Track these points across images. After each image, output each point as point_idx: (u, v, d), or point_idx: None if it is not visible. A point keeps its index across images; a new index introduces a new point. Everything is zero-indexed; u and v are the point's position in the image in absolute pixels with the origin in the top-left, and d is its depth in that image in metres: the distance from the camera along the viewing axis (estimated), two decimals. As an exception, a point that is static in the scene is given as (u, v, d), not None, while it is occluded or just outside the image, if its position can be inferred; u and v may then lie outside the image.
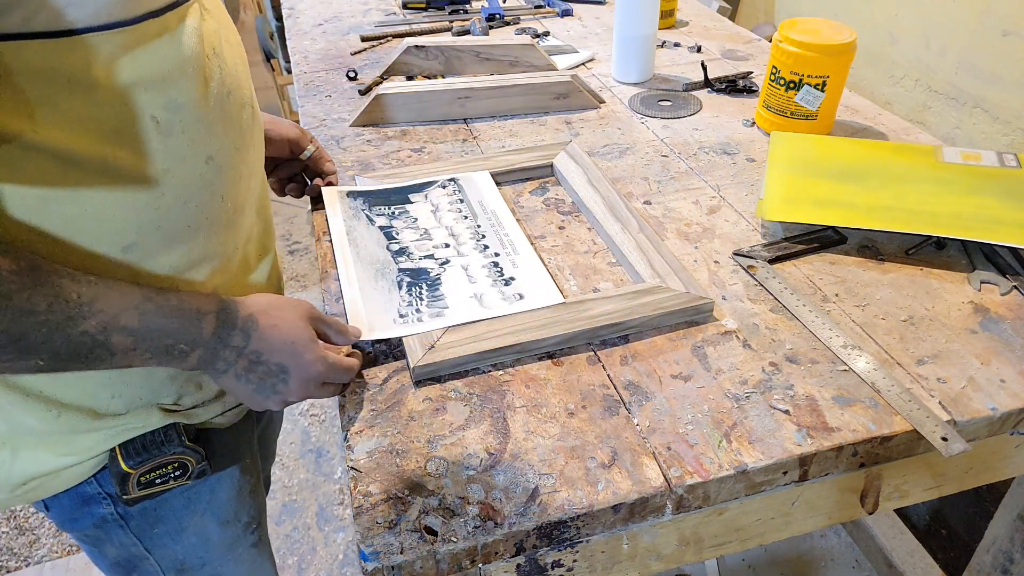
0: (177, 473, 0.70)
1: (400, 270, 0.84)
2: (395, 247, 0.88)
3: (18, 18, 0.47)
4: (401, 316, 0.76)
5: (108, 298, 0.54)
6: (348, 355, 0.70)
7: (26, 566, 1.61)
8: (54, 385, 0.62)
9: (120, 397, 0.65)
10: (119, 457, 0.67)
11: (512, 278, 0.82)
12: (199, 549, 0.80)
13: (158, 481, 0.69)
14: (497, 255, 0.86)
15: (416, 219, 0.93)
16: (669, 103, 1.26)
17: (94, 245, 0.57)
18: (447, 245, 0.88)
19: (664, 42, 1.52)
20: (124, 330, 0.54)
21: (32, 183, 0.52)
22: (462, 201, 0.96)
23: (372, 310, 0.77)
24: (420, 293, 0.80)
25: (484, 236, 0.90)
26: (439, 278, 0.83)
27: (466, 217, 0.93)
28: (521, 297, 0.79)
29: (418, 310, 0.77)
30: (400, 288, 0.81)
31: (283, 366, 0.64)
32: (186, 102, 0.58)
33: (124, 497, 0.69)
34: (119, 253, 0.58)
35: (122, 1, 0.51)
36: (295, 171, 0.96)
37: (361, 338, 0.73)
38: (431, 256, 0.86)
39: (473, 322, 0.75)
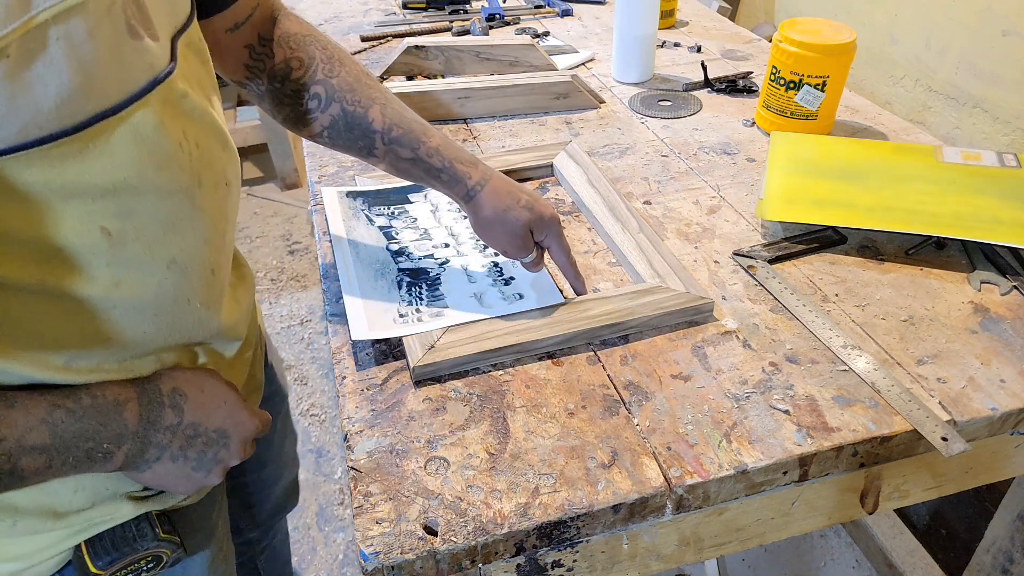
0: (150, 566, 0.63)
1: (400, 270, 0.84)
2: (395, 247, 0.88)
3: None
4: (401, 316, 0.76)
5: (10, 421, 0.47)
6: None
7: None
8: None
9: (83, 491, 0.58)
10: (86, 557, 0.60)
11: (512, 278, 0.82)
12: None
13: None
14: (497, 255, 0.86)
15: (416, 219, 0.93)
16: (669, 103, 1.26)
17: (28, 363, 0.49)
18: (447, 245, 0.88)
19: (664, 42, 1.52)
20: (33, 450, 0.48)
21: None
22: (462, 201, 0.96)
23: (372, 310, 0.77)
24: (420, 293, 0.80)
25: (484, 236, 0.90)
26: (439, 278, 0.83)
27: (465, 217, 0.93)
28: (521, 297, 0.79)
29: (418, 310, 0.77)
30: (400, 288, 0.81)
31: (223, 431, 0.59)
32: (144, 206, 0.50)
33: None
34: (60, 365, 0.51)
35: (56, 111, 0.42)
36: None
37: (361, 337, 0.73)
38: (431, 256, 0.86)
39: (473, 322, 0.75)
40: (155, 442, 0.55)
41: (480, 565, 0.60)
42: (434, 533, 0.58)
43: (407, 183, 1.00)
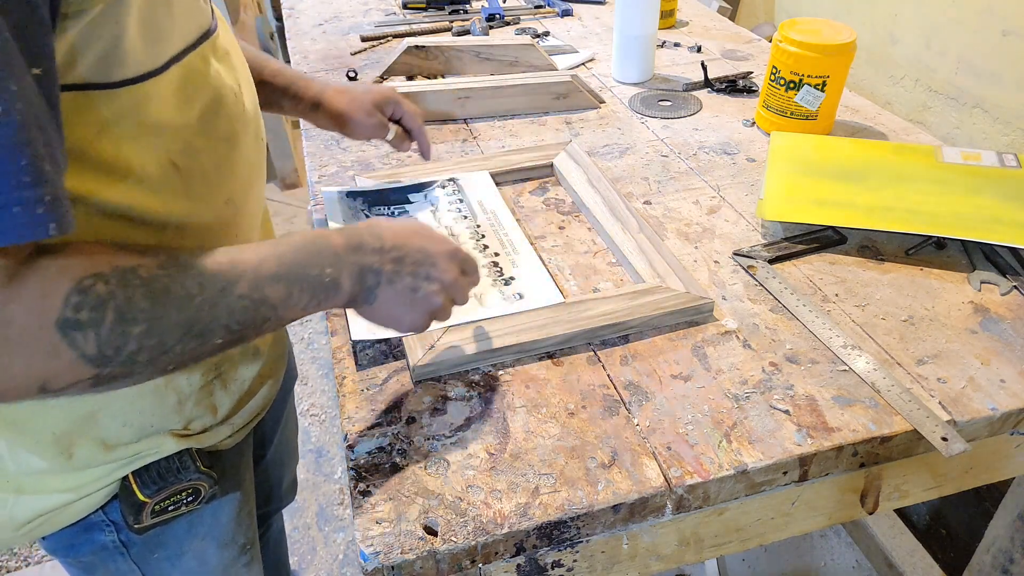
0: (189, 499, 0.68)
1: (400, 270, 0.84)
2: (395, 247, 0.88)
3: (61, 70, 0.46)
4: (401, 316, 0.76)
5: (243, 259, 0.53)
6: None
7: (26, 566, 1.61)
8: (64, 423, 0.61)
9: (131, 426, 0.63)
10: (134, 486, 0.65)
11: (512, 278, 0.82)
12: (196, 573, 0.78)
13: (171, 508, 0.67)
14: (497, 255, 0.86)
15: (415, 219, 0.93)
16: (669, 103, 1.26)
17: None
18: (447, 245, 0.88)
19: (664, 42, 1.52)
20: (272, 279, 0.53)
21: None
22: (461, 201, 0.96)
23: None
24: None
25: (484, 236, 0.90)
26: (439, 278, 0.82)
27: (465, 217, 0.93)
28: (521, 297, 0.79)
29: (418, 310, 0.77)
30: (400, 288, 0.81)
31: (424, 249, 0.62)
32: (207, 146, 0.58)
33: (136, 526, 0.66)
34: None
35: (152, 50, 0.51)
36: None
37: (361, 337, 0.73)
38: (431, 256, 0.86)
39: (473, 322, 0.75)
40: (369, 265, 0.59)
41: (480, 565, 0.60)
42: (434, 533, 0.58)
43: (407, 183, 1.00)
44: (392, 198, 0.97)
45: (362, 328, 0.74)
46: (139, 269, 0.47)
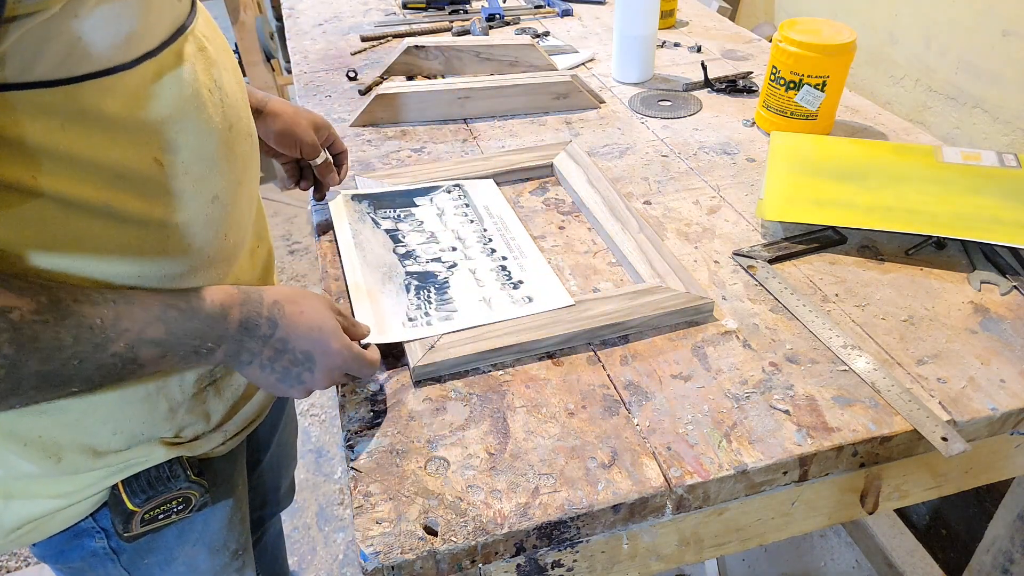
0: (180, 507, 0.68)
1: (407, 273, 0.84)
2: (401, 250, 0.88)
3: (15, 69, 0.45)
4: (410, 319, 0.76)
5: (131, 315, 0.52)
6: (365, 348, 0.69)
7: (26, 566, 1.61)
8: (53, 428, 0.60)
9: (121, 434, 0.63)
10: (123, 495, 0.65)
11: (521, 281, 0.82)
12: None
13: (161, 517, 0.67)
14: (504, 258, 0.86)
15: (422, 222, 0.93)
16: (669, 103, 1.26)
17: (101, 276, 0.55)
18: (454, 248, 0.88)
19: (664, 42, 1.52)
20: (151, 343, 0.53)
21: (33, 230, 0.50)
22: (467, 205, 0.96)
23: (381, 314, 0.77)
24: (428, 296, 0.80)
25: (491, 240, 0.90)
26: (447, 281, 0.82)
27: (472, 221, 0.93)
28: (530, 300, 0.79)
29: (427, 313, 0.77)
30: (408, 291, 0.81)
31: (309, 354, 0.62)
32: (188, 142, 0.57)
33: (126, 535, 0.66)
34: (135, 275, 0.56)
35: (122, 45, 0.50)
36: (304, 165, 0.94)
37: (371, 341, 0.73)
38: (438, 259, 0.86)
39: (482, 325, 0.75)
40: (248, 348, 0.60)
41: (480, 565, 0.60)
42: (434, 533, 0.58)
43: (412, 186, 1.00)
44: (398, 201, 0.97)
45: (372, 333, 0.74)
46: (11, 312, 0.46)
